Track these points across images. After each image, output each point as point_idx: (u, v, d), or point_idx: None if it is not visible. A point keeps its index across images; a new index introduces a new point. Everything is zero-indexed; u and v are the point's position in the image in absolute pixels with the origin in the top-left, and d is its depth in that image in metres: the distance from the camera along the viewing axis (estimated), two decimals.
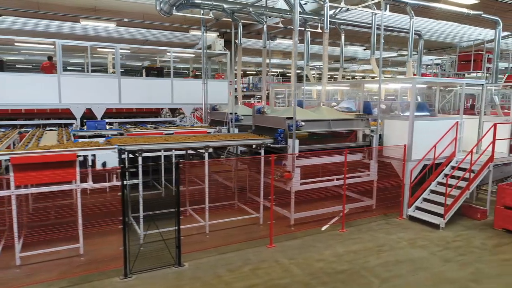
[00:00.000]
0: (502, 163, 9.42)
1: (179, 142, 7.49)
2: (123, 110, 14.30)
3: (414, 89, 8.58)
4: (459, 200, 8.28)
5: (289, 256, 6.70)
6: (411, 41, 11.04)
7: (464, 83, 9.34)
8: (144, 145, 6.92)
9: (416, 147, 8.72)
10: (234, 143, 8.43)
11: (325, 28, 9.28)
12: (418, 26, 17.72)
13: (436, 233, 7.89)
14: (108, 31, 18.23)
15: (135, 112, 14.67)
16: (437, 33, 18.73)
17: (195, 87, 13.54)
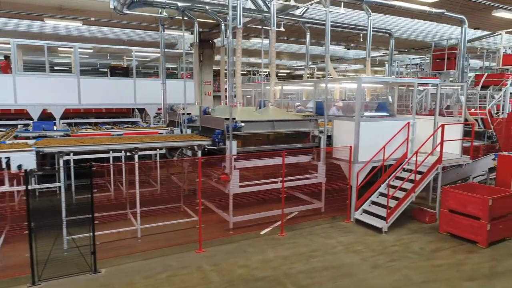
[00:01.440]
0: (455, 165, 9.19)
1: (104, 144, 7.27)
2: (92, 110, 14.14)
3: (360, 89, 8.34)
4: (404, 203, 8.04)
5: (214, 262, 6.48)
6: (369, 40, 10.80)
7: (416, 83, 9.09)
8: (65, 147, 6.70)
9: (363, 148, 8.48)
10: (168, 145, 8.20)
11: (272, 26, 9.04)
12: (396, 24, 17.59)
13: (378, 237, 7.66)
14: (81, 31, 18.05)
15: (104, 112, 14.49)
16: (417, 32, 18.48)
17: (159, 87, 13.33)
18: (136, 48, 13.81)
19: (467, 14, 13.95)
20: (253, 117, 8.50)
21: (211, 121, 8.55)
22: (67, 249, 6.61)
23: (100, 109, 14.21)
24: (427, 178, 8.35)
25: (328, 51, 10.20)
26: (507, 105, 12.79)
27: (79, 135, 9.29)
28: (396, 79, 10.69)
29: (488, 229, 7.07)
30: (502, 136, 12.61)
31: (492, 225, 7.13)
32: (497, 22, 15.64)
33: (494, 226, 7.20)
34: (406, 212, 8.95)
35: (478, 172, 9.53)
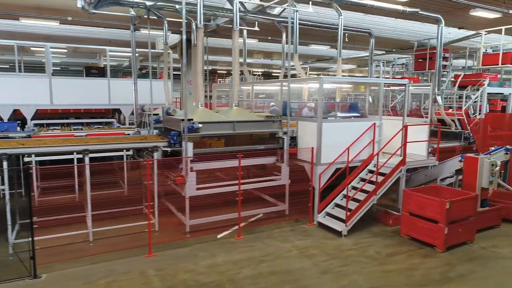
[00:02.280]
0: (421, 166, 9.02)
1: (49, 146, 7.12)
2: (71, 110, 13.98)
3: (321, 89, 8.17)
4: (365, 205, 7.88)
5: (161, 266, 6.33)
6: (340, 39, 10.63)
7: (382, 83, 8.92)
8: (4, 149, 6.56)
9: (326, 149, 8.31)
10: (118, 147, 8.03)
11: (234, 26, 8.87)
12: (382, 24, 17.40)
13: (336, 241, 7.50)
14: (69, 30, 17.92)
15: (82, 112, 14.35)
16: (401, 31, 18.27)
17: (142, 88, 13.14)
18: (111, 48, 13.66)
19: (447, 13, 13.82)
20: (213, 118, 8.35)
21: (170, 122, 8.41)
22: (12, 254, 6.49)
23: (79, 110, 14.07)
24: (390, 180, 8.18)
25: (296, 50, 10.06)
26: (484, 105, 12.59)
27: (41, 136, 9.15)
28: (360, 79, 10.48)
29: (445, 233, 6.90)
30: (479, 137, 12.44)
31: (450, 229, 6.96)
32: (481, 22, 15.47)
33: (453, 230, 7.03)
34: (372, 214, 8.83)
35: (445, 174, 9.34)
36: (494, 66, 13.65)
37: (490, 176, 8.19)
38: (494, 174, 8.25)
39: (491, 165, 8.18)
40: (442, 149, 11.96)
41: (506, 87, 13.56)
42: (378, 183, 8.00)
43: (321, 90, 8.16)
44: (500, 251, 7.08)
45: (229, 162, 8.04)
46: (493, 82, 13.28)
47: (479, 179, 8.19)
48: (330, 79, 9.31)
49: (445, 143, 12.32)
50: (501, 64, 13.44)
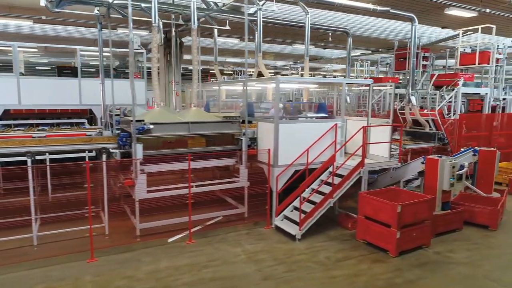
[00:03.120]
0: (382, 168, 8.82)
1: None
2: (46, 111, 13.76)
3: (278, 89, 7.97)
4: (320, 209, 7.68)
5: (100, 272, 6.14)
6: (307, 38, 10.44)
7: (344, 83, 8.72)
8: None
9: (284, 151, 8.11)
10: (62, 149, 7.82)
11: (192, 24, 8.68)
12: (365, 23, 17.21)
13: (289, 245, 7.31)
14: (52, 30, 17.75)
15: (59, 113, 14.13)
16: (383, 30, 18.09)
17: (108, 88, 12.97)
18: (82, 47, 13.46)
19: (422, 12, 13.63)
20: (168, 119, 8.16)
21: (124, 123, 8.22)
22: None
23: (55, 110, 13.87)
24: (348, 182, 7.98)
25: (260, 49, 9.87)
26: (458, 105, 12.39)
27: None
28: (321, 79, 10.23)
29: (397, 237, 6.71)
30: (453, 138, 12.25)
31: (402, 233, 6.76)
32: (460, 21, 15.27)
33: (406, 234, 6.83)
34: (333, 217, 8.65)
35: (409, 176, 9.15)
36: (472, 65, 13.45)
37: (451, 179, 7.99)
38: (455, 176, 8.05)
39: (452, 167, 7.99)
40: (415, 150, 11.81)
41: (483, 87, 13.35)
42: (334, 185, 7.80)
43: (278, 90, 7.96)
44: (455, 256, 6.88)
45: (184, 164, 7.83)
46: (469, 82, 13.09)
47: (439, 181, 8.00)
48: (287, 79, 9.12)
49: (419, 144, 12.14)
50: (478, 64, 13.24)
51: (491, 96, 13.19)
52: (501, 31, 16.63)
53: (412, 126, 13.20)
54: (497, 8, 12.99)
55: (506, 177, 11.71)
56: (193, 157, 8.07)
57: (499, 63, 13.59)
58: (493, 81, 13.21)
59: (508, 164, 13.01)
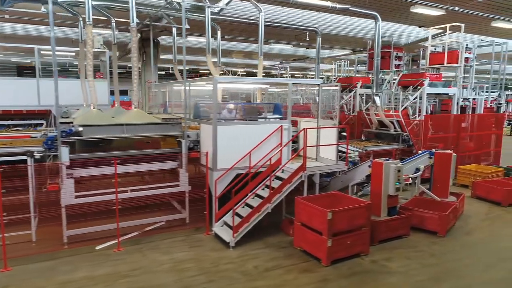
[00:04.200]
0: (329, 171, 8.50)
1: None
2: (11, 111, 13.44)
3: (215, 89, 7.64)
4: (257, 214, 7.35)
5: (8, 283, 5.82)
6: (261, 36, 10.11)
7: (290, 83, 8.38)
8: None
9: (224, 154, 7.78)
10: None
11: (132, 23, 8.34)
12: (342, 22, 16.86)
13: (221, 253, 6.98)
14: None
15: (24, 113, 13.81)
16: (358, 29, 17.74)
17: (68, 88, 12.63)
18: (39, 47, 13.11)
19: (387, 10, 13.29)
20: (102, 121, 7.84)
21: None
22: None
23: (20, 111, 13.55)
24: (288, 186, 7.65)
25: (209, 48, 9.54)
26: (424, 106, 12.03)
27: None
28: (265, 79, 9.84)
29: (328, 246, 6.37)
30: (418, 139, 11.92)
31: (335, 241, 6.43)
32: (431, 19, 14.93)
33: (339, 242, 6.50)
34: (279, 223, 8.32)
35: (357, 180, 8.82)
36: (440, 65, 13.12)
37: (396, 183, 7.66)
38: (400, 181, 7.71)
39: (397, 171, 7.66)
40: (378, 152, 11.49)
41: (451, 87, 13.01)
42: (271, 191, 7.48)
43: (215, 90, 7.63)
44: (391, 265, 6.55)
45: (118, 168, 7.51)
46: (436, 82, 12.76)
47: (384, 186, 7.68)
48: (225, 79, 8.80)
49: (382, 146, 11.83)
50: (447, 64, 12.91)
51: (459, 97, 12.84)
52: (475, 30, 16.31)
53: (378, 127, 12.88)
54: (465, 6, 12.66)
55: (474, 180, 11.34)
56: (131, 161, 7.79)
57: (469, 63, 13.24)
58: (462, 81, 12.86)
59: (477, 166, 12.69)
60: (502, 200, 10.04)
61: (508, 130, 29.16)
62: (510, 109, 35.86)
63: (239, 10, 14.96)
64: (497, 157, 14.26)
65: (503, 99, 15.10)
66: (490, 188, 10.38)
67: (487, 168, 12.22)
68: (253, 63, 36.79)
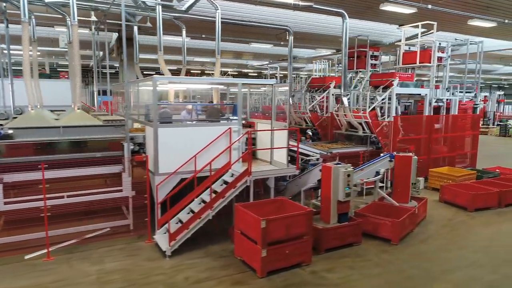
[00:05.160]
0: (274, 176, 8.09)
1: None
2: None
3: (155, 89, 7.27)
4: (196, 222, 6.98)
5: None
6: (218, 34, 9.74)
7: (240, 83, 7.99)
8: None
9: (167, 158, 7.40)
10: None
11: (72, 19, 7.98)
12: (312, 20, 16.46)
13: (156, 263, 6.61)
14: None
15: None
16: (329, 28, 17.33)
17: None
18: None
19: (365, 9, 12.91)
20: (41, 123, 7.47)
21: None
22: None
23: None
24: (232, 191, 7.28)
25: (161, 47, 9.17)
26: (393, 107, 11.64)
27: None
28: (208, 79, 9.47)
29: (263, 256, 6.00)
30: (387, 141, 11.55)
31: (270, 251, 6.06)
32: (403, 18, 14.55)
33: (276, 252, 6.13)
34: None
35: (310, 184, 8.44)
36: (413, 65, 12.74)
37: (346, 188, 7.28)
38: (350, 186, 7.34)
39: (347, 175, 7.28)
40: (344, 154, 11.13)
41: (423, 87, 12.63)
42: (212, 197, 7.10)
43: (155, 91, 7.26)
44: (331, 276, 6.18)
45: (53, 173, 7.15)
46: (408, 82, 12.37)
47: (333, 191, 7.30)
48: (165, 78, 8.42)
49: (348, 148, 11.47)
50: (419, 63, 12.53)
51: (432, 97, 12.45)
52: (453, 28, 15.94)
53: (348, 128, 12.52)
54: (438, 4, 12.28)
55: (446, 184, 10.92)
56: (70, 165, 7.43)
57: (442, 62, 12.86)
58: (434, 81, 12.47)
59: (450, 169, 12.30)
60: (468, 205, 9.67)
61: (497, 130, 28.78)
62: (501, 109, 35.49)
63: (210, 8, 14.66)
64: (473, 159, 13.88)
65: (478, 99, 14.73)
66: (457, 192, 10.01)
67: (459, 171, 11.83)
68: (243, 62, 36.52)
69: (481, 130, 30.22)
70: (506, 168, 13.19)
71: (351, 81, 14.74)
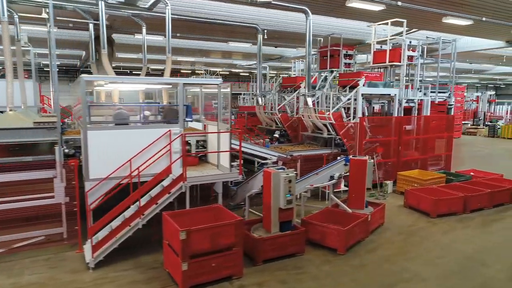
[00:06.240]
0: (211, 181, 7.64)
1: None
2: None
3: (83, 89, 6.83)
4: (123, 231, 6.55)
5: None
6: (168, 32, 9.29)
7: (181, 83, 7.54)
8: None
9: (99, 162, 6.95)
10: None
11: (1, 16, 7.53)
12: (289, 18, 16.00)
13: (77, 276, 6.18)
14: None
15: None
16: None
17: None
18: None
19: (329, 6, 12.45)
20: None
21: None
22: None
23: None
24: (166, 197, 6.84)
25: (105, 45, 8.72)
26: (359, 107, 11.16)
27: None
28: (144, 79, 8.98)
29: (184, 269, 5.56)
30: (353, 143, 11.10)
31: (193, 264, 5.62)
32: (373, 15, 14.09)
33: (200, 265, 5.69)
34: None
35: (255, 189, 7.99)
36: (383, 64, 12.30)
37: (287, 195, 6.83)
38: (292, 192, 6.89)
39: (288, 181, 6.83)
40: (306, 157, 10.70)
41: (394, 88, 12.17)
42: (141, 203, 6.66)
43: (83, 91, 6.82)
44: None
45: None
46: (377, 82, 11.92)
47: (273, 198, 6.86)
48: (93, 77, 7.98)
49: (311, 150, 11.03)
50: (389, 62, 12.09)
51: (401, 97, 11.99)
52: (428, 26, 15.47)
53: (315, 130, 12.07)
54: (409, 1, 11.81)
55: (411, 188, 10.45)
56: None
57: (413, 61, 12.41)
58: (404, 81, 12.02)
59: (420, 172, 11.86)
60: (430, 211, 9.22)
61: (486, 131, 28.31)
62: (492, 109, 35.04)
63: (184, 6, 14.25)
64: (448, 161, 13.42)
65: (452, 100, 14.25)
66: (420, 197, 9.55)
67: (428, 174, 11.39)
68: (232, 62, 36.11)
69: (470, 130, 29.87)
70: (481, 171, 12.75)
71: (326, 80, 14.30)
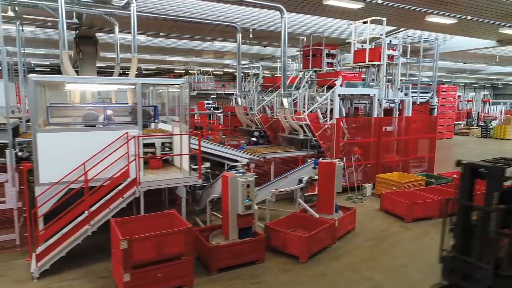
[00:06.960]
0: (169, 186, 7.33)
1: None
2: None
3: (31, 90, 6.51)
4: (70, 238, 6.24)
5: None
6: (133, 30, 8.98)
7: (139, 83, 7.23)
8: None
9: (51, 166, 6.63)
10: None
11: None
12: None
13: (19, 286, 5.86)
14: None
15: None
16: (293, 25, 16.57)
17: None
18: None
19: (306, 3, 12.14)
20: None
21: None
22: None
23: None
24: (118, 202, 6.54)
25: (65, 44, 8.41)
26: (336, 108, 10.83)
27: None
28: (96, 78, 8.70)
29: (126, 280, 5.25)
30: (329, 145, 10.79)
31: (137, 274, 5.31)
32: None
33: (145, 275, 5.39)
34: None
35: (217, 194, 7.67)
36: (362, 63, 11.99)
37: (245, 200, 6.52)
38: (250, 198, 6.58)
39: (246, 186, 6.52)
40: (280, 159, 10.40)
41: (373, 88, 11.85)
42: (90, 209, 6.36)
43: (32, 91, 6.51)
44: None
45: None
46: (356, 82, 11.61)
47: (231, 203, 6.55)
48: (43, 77, 7.66)
49: (285, 152, 10.74)
50: (368, 61, 11.78)
51: (381, 98, 11.68)
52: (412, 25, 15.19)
53: (292, 131, 11.76)
54: None
55: (387, 191, 10.13)
56: None
57: (394, 61, 12.09)
58: (384, 81, 11.70)
59: (400, 174, 11.54)
60: (405, 215, 8.90)
61: (479, 131, 27.99)
62: (486, 109, 34.71)
63: (159, 4, 14.00)
64: (431, 163, 13.11)
65: (435, 100, 13.93)
66: (395, 201, 9.24)
67: (407, 177, 11.07)
68: (225, 62, 35.79)
69: (463, 131, 29.54)
70: None
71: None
